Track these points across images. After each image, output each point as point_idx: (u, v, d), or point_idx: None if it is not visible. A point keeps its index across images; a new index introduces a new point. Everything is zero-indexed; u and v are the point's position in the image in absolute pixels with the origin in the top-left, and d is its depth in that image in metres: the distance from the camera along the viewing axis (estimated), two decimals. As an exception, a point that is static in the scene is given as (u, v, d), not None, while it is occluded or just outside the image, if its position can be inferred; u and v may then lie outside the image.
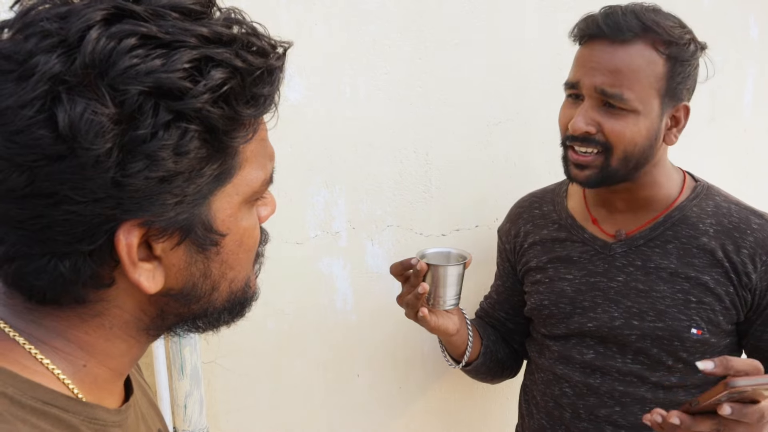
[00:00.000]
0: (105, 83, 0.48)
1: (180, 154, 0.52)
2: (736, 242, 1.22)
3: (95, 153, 0.48)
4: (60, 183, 0.49)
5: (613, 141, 1.18)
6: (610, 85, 1.15)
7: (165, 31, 0.51)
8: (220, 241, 0.59)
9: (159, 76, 0.49)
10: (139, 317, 0.60)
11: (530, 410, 1.44)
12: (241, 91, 0.54)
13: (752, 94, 2.21)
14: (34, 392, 0.54)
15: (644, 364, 1.26)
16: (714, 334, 1.22)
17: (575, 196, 1.39)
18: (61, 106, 0.47)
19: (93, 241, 0.52)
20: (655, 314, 1.23)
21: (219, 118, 0.53)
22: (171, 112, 0.50)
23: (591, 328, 1.29)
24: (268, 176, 0.62)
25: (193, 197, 0.55)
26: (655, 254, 1.26)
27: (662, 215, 1.28)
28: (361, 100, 1.46)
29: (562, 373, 1.33)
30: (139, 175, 0.50)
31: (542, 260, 1.37)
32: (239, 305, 0.65)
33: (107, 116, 0.48)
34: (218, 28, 0.54)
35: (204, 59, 0.52)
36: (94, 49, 0.48)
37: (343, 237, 1.50)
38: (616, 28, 1.15)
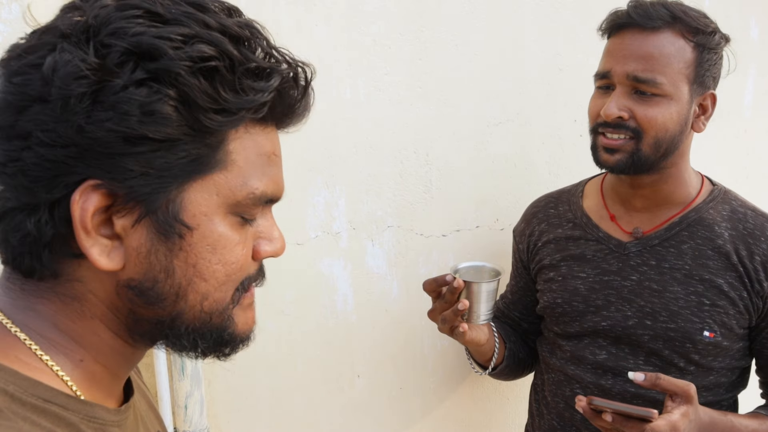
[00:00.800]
0: (96, 39, 0.52)
1: (147, 113, 0.51)
2: (749, 248, 1.23)
3: (67, 95, 0.51)
4: (35, 124, 0.52)
5: (645, 126, 1.20)
6: (643, 70, 1.18)
7: (169, 11, 0.54)
8: (186, 235, 0.56)
9: (143, 38, 0.52)
10: (114, 313, 0.59)
11: (540, 410, 1.44)
12: (230, 76, 0.54)
13: (752, 95, 2.21)
14: (34, 390, 0.54)
15: (656, 365, 1.26)
16: (726, 338, 1.22)
17: (592, 196, 1.40)
18: (53, 54, 0.52)
19: (52, 190, 0.53)
20: (667, 315, 1.24)
21: (195, 90, 0.53)
22: (147, 72, 0.52)
23: (605, 327, 1.29)
24: (260, 194, 0.60)
25: (161, 173, 0.54)
26: (670, 254, 1.27)
27: (678, 215, 1.29)
28: (362, 101, 1.46)
29: (573, 374, 1.33)
30: (103, 125, 0.51)
31: (555, 258, 1.38)
32: (216, 335, 0.62)
33: (87, 64, 0.51)
34: (226, 22, 0.55)
35: (195, 36, 0.53)
36: (98, 14, 0.53)
37: (343, 237, 1.50)
38: (647, 17, 1.18)
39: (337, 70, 1.43)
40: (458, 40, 1.56)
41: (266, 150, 0.60)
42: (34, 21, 0.58)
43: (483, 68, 1.61)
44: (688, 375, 1.24)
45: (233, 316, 0.62)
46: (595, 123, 1.26)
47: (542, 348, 1.45)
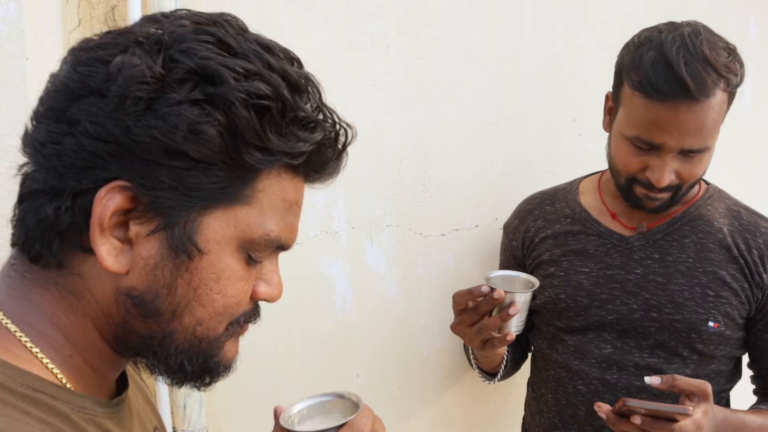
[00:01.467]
0: (167, 52, 0.55)
1: (193, 131, 0.53)
2: (747, 242, 1.27)
3: (125, 95, 0.53)
4: (86, 114, 0.54)
5: (686, 180, 1.22)
6: (699, 142, 1.17)
7: (240, 46, 0.57)
8: (195, 257, 0.57)
9: (209, 63, 0.54)
10: (107, 317, 0.59)
11: (540, 408, 1.43)
12: (278, 118, 0.57)
13: (751, 95, 2.21)
14: (23, 379, 0.54)
15: (660, 357, 1.28)
16: (729, 327, 1.26)
17: (589, 193, 1.41)
18: (123, 55, 0.55)
19: (81, 180, 0.55)
20: (673, 307, 1.26)
21: (244, 123, 0.55)
22: (205, 94, 0.54)
23: (612, 320, 1.30)
24: (274, 238, 0.61)
25: (188, 191, 0.55)
26: (673, 248, 1.29)
27: (680, 211, 1.31)
28: (360, 100, 1.46)
29: (577, 369, 1.33)
30: (150, 132, 0.53)
31: (555, 253, 1.38)
32: (203, 361, 0.62)
33: (151, 72, 0.53)
34: (287, 68, 0.58)
35: (257, 74, 0.56)
36: (175, 30, 0.56)
37: (342, 237, 1.50)
38: (704, 88, 1.12)
39: (336, 70, 1.43)
40: (457, 39, 1.56)
41: (290, 198, 0.62)
42: (114, 23, 0.61)
43: (482, 67, 1.61)
44: (691, 364, 1.27)
45: (222, 346, 0.64)
46: (633, 177, 1.23)
47: (540, 343, 1.44)
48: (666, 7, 1.84)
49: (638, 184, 1.24)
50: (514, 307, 1.16)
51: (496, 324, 1.19)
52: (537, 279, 1.27)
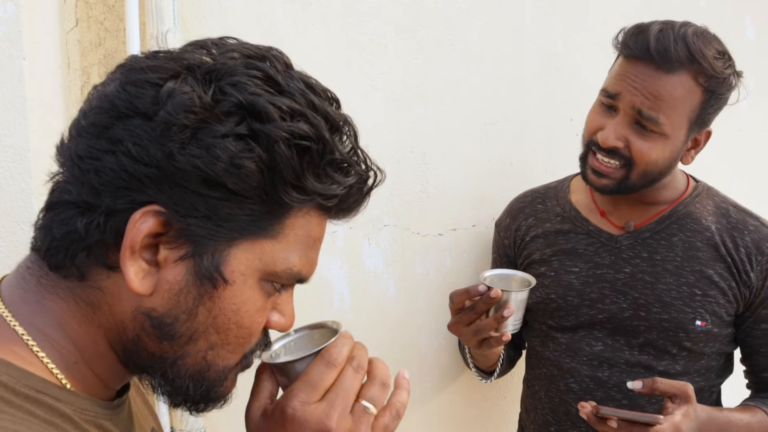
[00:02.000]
0: (218, 84, 0.56)
1: (235, 166, 0.54)
2: (734, 240, 1.27)
3: (172, 122, 0.54)
4: (130, 135, 0.55)
5: (636, 159, 1.21)
6: (649, 107, 1.18)
7: (287, 83, 0.58)
8: (219, 285, 0.58)
9: (258, 99, 0.55)
10: (120, 332, 0.59)
11: (534, 405, 1.45)
12: (317, 159, 0.58)
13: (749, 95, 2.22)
14: (27, 380, 0.54)
15: (650, 354, 1.29)
16: (716, 325, 1.27)
17: (579, 191, 1.42)
18: (174, 81, 0.55)
19: (117, 199, 0.55)
20: (660, 306, 1.27)
21: (285, 161, 0.56)
22: (250, 129, 0.55)
23: (602, 319, 1.31)
24: (296, 272, 0.62)
25: (221, 222, 0.56)
26: (661, 247, 1.30)
27: (668, 209, 1.32)
28: (358, 100, 1.46)
29: (568, 367, 1.34)
30: (192, 160, 0.54)
31: (546, 253, 1.39)
32: (206, 387, 0.63)
33: (201, 102, 0.54)
34: (330, 110, 0.60)
35: (301, 114, 0.57)
36: (227, 62, 0.57)
37: (340, 237, 1.50)
38: (666, 57, 1.16)
39: (334, 70, 1.42)
40: (455, 39, 1.57)
41: (314, 235, 0.63)
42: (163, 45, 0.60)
43: (480, 67, 1.61)
44: (680, 360, 1.28)
45: (228, 378, 0.64)
46: (590, 140, 1.27)
47: (533, 341, 1.45)
48: (665, 7, 1.85)
49: (592, 151, 1.26)
50: (509, 308, 1.17)
51: (492, 325, 1.19)
52: (533, 277, 1.28)
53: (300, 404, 0.64)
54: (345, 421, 0.64)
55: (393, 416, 0.68)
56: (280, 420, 0.64)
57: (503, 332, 1.20)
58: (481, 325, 1.21)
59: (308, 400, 0.64)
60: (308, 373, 0.66)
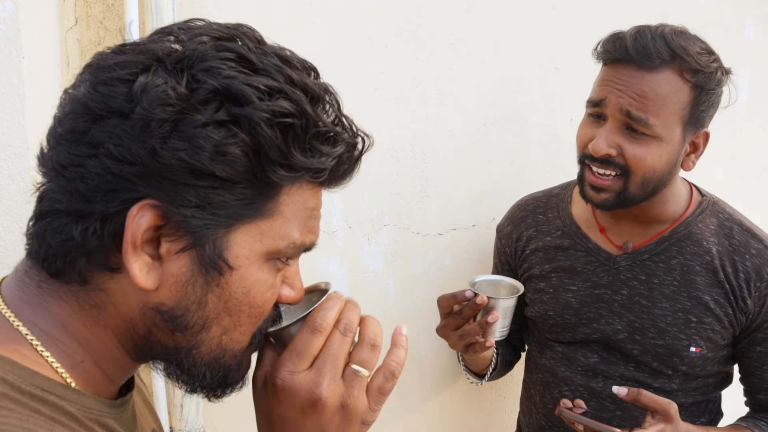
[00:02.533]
0: (190, 72, 0.55)
1: (219, 153, 0.54)
2: (735, 265, 1.23)
3: (149, 117, 0.53)
4: (109, 136, 0.54)
5: (632, 166, 1.17)
6: (637, 108, 1.14)
7: (261, 61, 0.57)
8: (225, 273, 0.58)
9: (233, 82, 0.54)
10: (130, 329, 0.59)
11: (530, 408, 1.45)
12: (302, 135, 0.57)
13: (747, 94, 2.22)
14: (32, 379, 0.54)
15: (646, 372, 1.28)
16: (711, 350, 1.25)
17: (581, 203, 1.38)
18: (146, 74, 0.54)
19: (109, 203, 0.54)
20: (655, 332, 1.25)
21: (269, 142, 0.55)
22: (229, 114, 0.54)
23: (597, 338, 1.30)
24: (300, 244, 0.62)
25: (215, 210, 0.56)
26: (660, 269, 1.27)
27: (668, 230, 1.28)
28: (358, 100, 1.46)
29: (563, 376, 1.34)
30: (176, 153, 0.53)
31: (545, 268, 1.37)
32: (223, 373, 0.63)
33: (175, 93, 0.53)
34: (309, 81, 0.58)
35: (279, 91, 0.56)
36: (197, 48, 0.56)
37: (339, 236, 1.50)
38: (645, 54, 1.13)
39: (334, 69, 1.42)
40: (454, 38, 1.56)
41: (311, 205, 0.63)
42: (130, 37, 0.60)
43: (479, 67, 1.61)
44: (676, 380, 1.27)
45: (243, 360, 0.64)
46: (583, 154, 1.24)
47: (531, 346, 1.46)
48: (664, 7, 1.85)
49: (588, 167, 1.23)
50: (493, 314, 1.16)
51: (476, 331, 1.19)
52: (521, 284, 1.27)
53: (288, 373, 0.63)
54: (336, 387, 0.64)
55: (387, 377, 0.68)
56: (272, 391, 0.65)
57: (487, 338, 1.20)
58: (467, 330, 1.20)
59: (296, 368, 0.64)
60: (294, 341, 0.65)
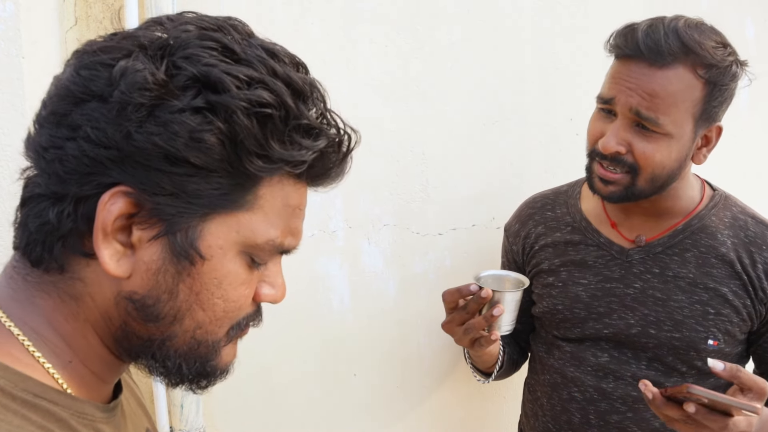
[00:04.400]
0: (171, 58, 0.55)
1: (195, 140, 0.53)
2: (752, 256, 1.22)
3: (127, 101, 0.53)
4: (88, 119, 0.54)
5: (642, 163, 1.16)
6: (647, 108, 1.12)
7: (244, 51, 0.57)
8: (197, 262, 0.57)
9: (212, 70, 0.54)
10: (107, 322, 0.59)
11: (535, 411, 1.42)
12: (281, 126, 0.56)
13: (749, 94, 2.22)
14: (25, 384, 0.54)
15: (659, 370, 1.25)
16: (729, 344, 1.23)
17: (590, 199, 1.36)
18: (127, 59, 0.54)
19: (83, 186, 0.54)
20: (672, 324, 1.22)
21: (245, 131, 0.54)
22: (207, 102, 0.54)
23: (608, 334, 1.28)
24: (278, 244, 0.61)
25: (190, 198, 0.55)
26: (674, 262, 1.25)
27: (682, 223, 1.26)
28: (358, 99, 1.46)
29: (572, 376, 1.31)
30: (151, 138, 0.53)
31: (554, 263, 1.35)
32: (200, 365, 0.62)
33: (154, 78, 0.53)
34: (294, 75, 0.58)
35: (260, 81, 0.56)
36: (180, 35, 0.56)
37: (339, 236, 1.50)
38: (657, 52, 1.11)
39: (334, 68, 1.42)
40: (454, 38, 1.56)
41: (293, 203, 0.62)
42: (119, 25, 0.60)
43: (479, 67, 1.61)
44: (689, 378, 1.24)
45: (220, 350, 0.63)
46: (593, 149, 1.22)
47: (538, 347, 1.43)
48: (665, 7, 1.84)
49: (596, 161, 1.21)
50: (498, 307, 1.15)
51: (481, 324, 1.18)
52: (527, 278, 1.26)
53: None
54: None
55: None
56: None
57: (493, 331, 1.18)
58: (472, 324, 1.19)
59: None
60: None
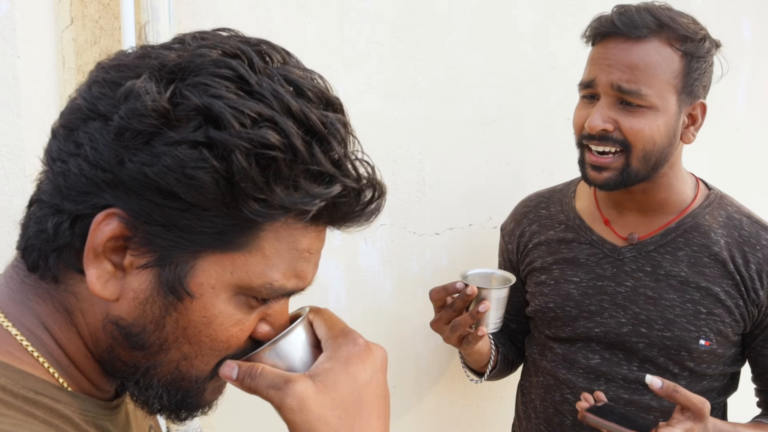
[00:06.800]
0: (178, 84, 0.51)
1: (187, 177, 0.50)
2: (745, 256, 1.21)
3: (125, 126, 0.51)
4: (89, 139, 0.52)
5: (631, 139, 1.16)
6: (627, 81, 1.14)
7: (260, 84, 0.52)
8: (185, 299, 0.55)
9: (217, 103, 0.50)
10: (95, 342, 0.58)
11: (528, 413, 1.42)
12: (287, 171, 0.52)
13: (745, 93, 2.22)
14: (26, 382, 0.54)
15: (650, 371, 1.24)
16: (721, 345, 1.22)
17: (584, 197, 1.37)
18: (134, 81, 0.52)
19: (78, 205, 0.53)
20: (663, 323, 1.22)
21: (243, 173, 0.50)
22: (206, 137, 0.50)
23: (598, 333, 1.27)
24: (278, 287, 0.57)
25: (182, 234, 0.53)
26: (666, 261, 1.24)
27: (675, 221, 1.26)
28: (354, 99, 1.46)
29: (564, 378, 1.31)
30: (143, 168, 0.50)
31: (547, 261, 1.35)
32: (181, 399, 0.60)
33: (154, 106, 0.50)
34: (310, 114, 0.53)
35: (269, 120, 0.51)
36: (194, 60, 0.53)
37: (336, 236, 1.49)
38: (632, 25, 1.14)
39: (330, 68, 1.42)
40: (451, 38, 1.56)
41: (301, 246, 0.57)
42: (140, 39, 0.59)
43: (476, 67, 1.61)
44: (681, 381, 1.24)
45: (205, 386, 0.61)
46: (581, 135, 1.23)
47: (532, 349, 1.43)
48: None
49: (587, 148, 1.22)
50: (484, 304, 1.15)
51: (468, 321, 1.18)
52: (513, 276, 1.26)
53: None
54: None
55: None
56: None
57: (479, 328, 1.18)
58: (458, 322, 1.19)
59: None
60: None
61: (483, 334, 1.19)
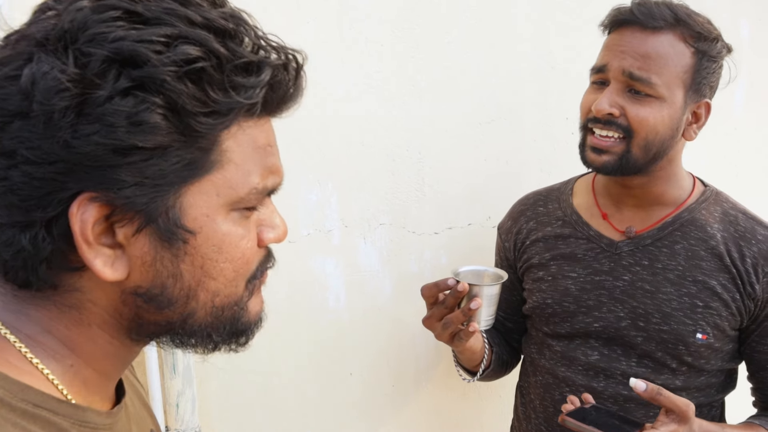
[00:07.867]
0: (75, 47, 0.49)
1: (135, 124, 0.49)
2: (741, 251, 1.22)
3: (50, 110, 0.48)
4: (19, 141, 0.50)
5: (635, 126, 1.18)
6: (639, 68, 1.16)
7: (149, 9, 0.51)
8: (189, 239, 0.55)
9: (123, 43, 0.49)
10: (116, 318, 0.58)
11: (528, 414, 1.42)
12: (218, 75, 0.52)
13: (743, 93, 2.23)
14: (24, 394, 0.53)
15: (648, 367, 1.25)
16: (719, 339, 1.22)
17: (582, 194, 1.38)
18: (30, 65, 0.49)
19: (46, 208, 0.51)
20: (660, 317, 1.23)
21: (185, 96, 0.50)
22: (131, 80, 0.49)
23: (597, 329, 1.28)
24: (262, 188, 0.58)
25: (155, 181, 0.52)
26: (663, 254, 1.25)
27: (671, 215, 1.27)
28: (353, 99, 1.46)
29: (564, 376, 1.31)
30: (90, 139, 0.49)
31: (545, 257, 1.36)
32: (230, 327, 0.61)
33: (67, 76, 0.48)
34: (211, 16, 0.53)
35: (179, 37, 0.51)
36: (75, 17, 0.50)
37: (335, 235, 1.50)
38: (650, 16, 1.17)
39: (329, 68, 1.42)
40: (450, 37, 1.56)
41: (261, 143, 0.58)
42: (5, 25, 0.55)
43: (475, 66, 1.61)
44: (680, 375, 1.24)
45: (246, 306, 0.62)
46: (586, 118, 1.24)
47: (529, 348, 1.43)
48: (658, 6, 1.85)
49: (590, 131, 1.23)
50: (476, 300, 1.16)
51: (459, 318, 1.18)
52: (505, 273, 1.26)
53: None
54: None
55: None
56: None
57: (470, 324, 1.19)
58: (450, 318, 1.19)
59: None
60: None
61: (474, 331, 1.19)
